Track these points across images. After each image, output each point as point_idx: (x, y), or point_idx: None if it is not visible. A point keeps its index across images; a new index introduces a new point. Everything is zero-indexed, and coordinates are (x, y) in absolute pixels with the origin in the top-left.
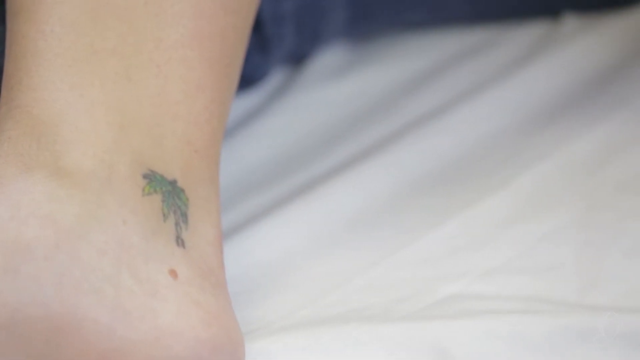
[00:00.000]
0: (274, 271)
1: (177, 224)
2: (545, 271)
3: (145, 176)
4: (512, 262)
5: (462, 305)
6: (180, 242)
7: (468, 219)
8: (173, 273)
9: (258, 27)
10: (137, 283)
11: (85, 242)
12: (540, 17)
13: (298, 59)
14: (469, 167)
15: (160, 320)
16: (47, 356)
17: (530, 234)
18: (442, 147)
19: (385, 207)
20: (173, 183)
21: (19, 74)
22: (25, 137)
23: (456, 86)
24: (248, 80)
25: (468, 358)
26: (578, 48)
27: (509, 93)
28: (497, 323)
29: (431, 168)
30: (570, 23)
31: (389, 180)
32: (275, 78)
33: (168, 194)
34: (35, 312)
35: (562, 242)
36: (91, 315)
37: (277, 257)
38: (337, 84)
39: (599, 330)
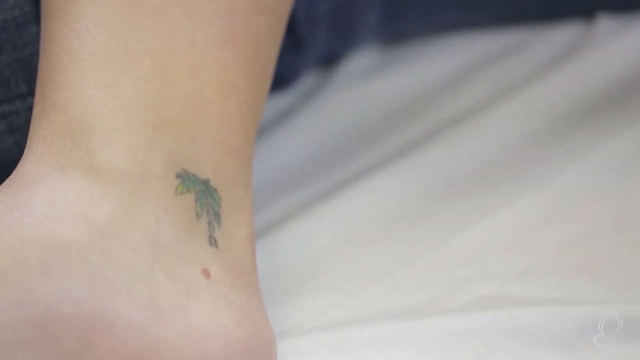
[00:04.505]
0: (305, 271)
1: (210, 223)
2: (579, 273)
3: (178, 175)
4: (545, 263)
5: (495, 306)
6: (213, 241)
7: (501, 220)
8: (206, 272)
9: (292, 27)
10: (170, 282)
11: (119, 240)
12: (574, 18)
13: (331, 59)
14: (502, 168)
15: (193, 319)
16: (80, 354)
17: (564, 236)
18: (475, 148)
19: (418, 208)
20: (206, 182)
21: (53, 73)
22: (59, 136)
23: (489, 87)
24: (281, 80)
25: (498, 356)
26: (612, 49)
27: (543, 94)
28: (528, 322)
29: (464, 169)
30: (604, 24)
31: (421, 181)
32: (308, 79)
33: (201, 193)
34: (68, 310)
35: (596, 243)
36: (124, 313)
37: (309, 257)
38: (370, 85)
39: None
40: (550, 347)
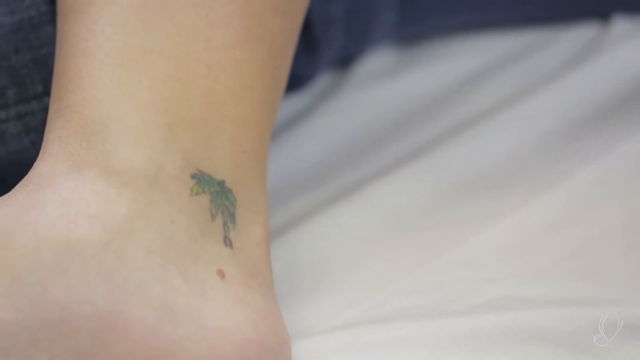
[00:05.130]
0: (319, 272)
1: (225, 224)
2: (592, 275)
3: (193, 176)
4: (559, 265)
5: (509, 307)
6: (227, 242)
7: (515, 222)
8: (220, 273)
9: (307, 28)
10: (185, 282)
11: (134, 241)
12: (590, 19)
13: (346, 60)
14: (516, 169)
15: (208, 320)
16: (94, 354)
17: (578, 237)
18: (490, 149)
19: (433, 209)
20: (221, 183)
21: (69, 74)
22: (75, 136)
23: (504, 89)
24: (296, 81)
25: (512, 357)
26: (628, 50)
27: (558, 96)
28: (542, 324)
29: (478, 170)
30: (620, 25)
31: (437, 181)
32: (323, 80)
33: (216, 194)
34: (83, 310)
35: (610, 245)
36: (138, 313)
37: (323, 257)
38: (385, 86)
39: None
40: (563, 348)
